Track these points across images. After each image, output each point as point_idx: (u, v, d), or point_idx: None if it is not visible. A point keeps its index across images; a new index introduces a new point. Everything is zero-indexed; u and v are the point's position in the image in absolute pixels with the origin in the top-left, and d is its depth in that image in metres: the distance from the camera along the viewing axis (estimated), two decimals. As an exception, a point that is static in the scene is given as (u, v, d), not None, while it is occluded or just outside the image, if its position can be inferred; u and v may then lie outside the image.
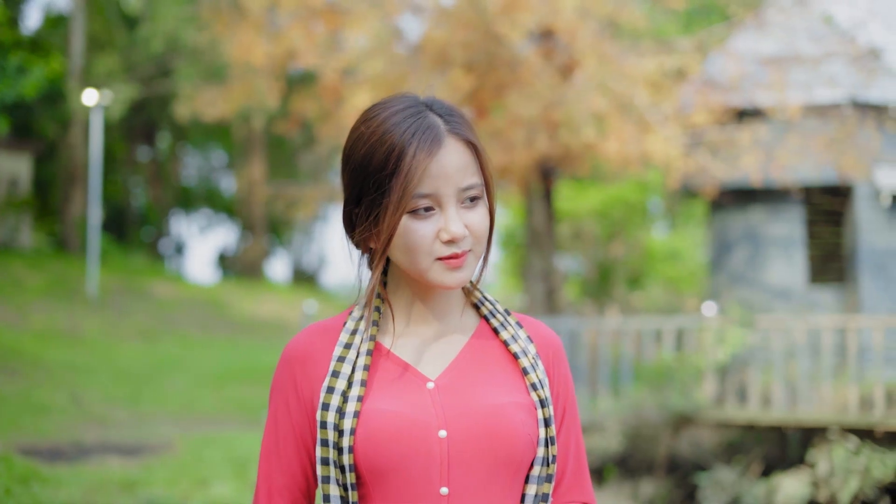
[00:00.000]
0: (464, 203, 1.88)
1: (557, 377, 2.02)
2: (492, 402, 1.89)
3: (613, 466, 12.57)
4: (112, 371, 14.76)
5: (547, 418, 1.92)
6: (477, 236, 1.89)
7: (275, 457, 1.96)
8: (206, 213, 43.31)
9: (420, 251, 1.86)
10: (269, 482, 1.96)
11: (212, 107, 14.83)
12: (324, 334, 1.97)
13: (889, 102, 14.81)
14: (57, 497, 7.07)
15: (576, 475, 2.03)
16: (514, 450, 1.87)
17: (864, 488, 11.42)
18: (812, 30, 14.81)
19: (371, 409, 1.85)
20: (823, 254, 16.05)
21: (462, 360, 1.95)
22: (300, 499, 1.96)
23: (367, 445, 1.83)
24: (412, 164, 1.83)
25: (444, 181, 1.85)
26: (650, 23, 16.36)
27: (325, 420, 1.86)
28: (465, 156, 1.89)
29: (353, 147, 1.91)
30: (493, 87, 13.49)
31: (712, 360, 12.74)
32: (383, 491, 1.85)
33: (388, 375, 1.91)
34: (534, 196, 15.24)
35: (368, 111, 1.94)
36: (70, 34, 26.70)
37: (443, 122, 1.89)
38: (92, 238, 21.00)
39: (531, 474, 1.92)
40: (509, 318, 2.02)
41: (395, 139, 1.85)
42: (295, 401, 1.93)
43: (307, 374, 1.93)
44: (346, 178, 1.94)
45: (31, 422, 10.72)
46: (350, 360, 1.91)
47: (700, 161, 13.96)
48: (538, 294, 15.09)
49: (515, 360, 1.97)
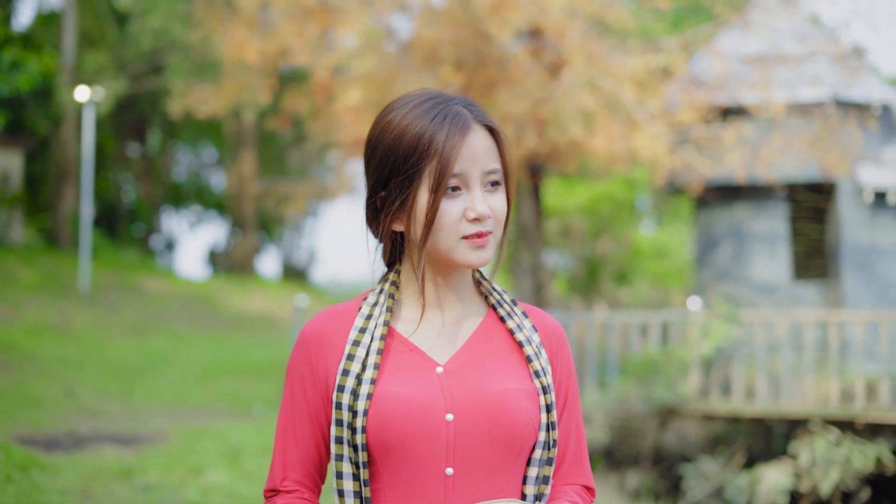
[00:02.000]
0: (485, 187, 1.99)
1: (560, 365, 2.12)
2: (497, 387, 1.98)
3: (600, 458, 12.76)
4: (104, 365, 14.89)
5: (549, 404, 2.01)
6: (497, 219, 2.00)
7: (290, 433, 2.04)
8: (197, 209, 43.36)
9: (447, 229, 1.95)
10: (284, 456, 2.05)
11: (204, 104, 14.98)
12: (339, 317, 2.06)
13: (871, 101, 15.03)
14: (56, 483, 7.23)
15: (576, 458, 2.12)
16: (517, 433, 1.96)
17: (846, 479, 11.64)
18: (796, 30, 15.02)
19: (383, 391, 1.94)
20: (807, 250, 16.27)
21: (470, 347, 2.04)
22: (313, 473, 2.05)
23: (378, 426, 1.92)
24: (447, 145, 1.94)
25: (472, 162, 1.96)
26: (638, 22, 16.53)
27: (340, 401, 1.96)
28: (488, 140, 2.00)
29: (380, 134, 2.00)
30: (482, 85, 13.65)
31: (697, 353, 12.96)
32: (391, 469, 1.94)
33: (400, 359, 2.00)
34: (522, 192, 15.41)
35: (393, 103, 2.05)
36: (62, 31, 26.77)
37: (467, 110, 2.01)
38: (83, 234, 21.11)
39: (533, 457, 2.01)
40: (515, 307, 2.12)
41: (425, 124, 1.95)
42: (311, 381, 2.02)
43: (323, 356, 2.03)
44: (372, 164, 2.02)
45: (25, 413, 10.84)
46: (365, 343, 1.99)
47: (686, 158, 14.16)
48: (526, 289, 15.27)
49: (520, 348, 2.06)
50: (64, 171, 27.01)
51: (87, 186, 21.54)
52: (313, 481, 2.06)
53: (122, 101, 28.89)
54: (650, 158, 13.77)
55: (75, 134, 26.45)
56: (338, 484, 1.97)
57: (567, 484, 2.10)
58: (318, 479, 2.07)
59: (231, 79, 14.98)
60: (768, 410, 12.44)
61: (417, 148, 1.94)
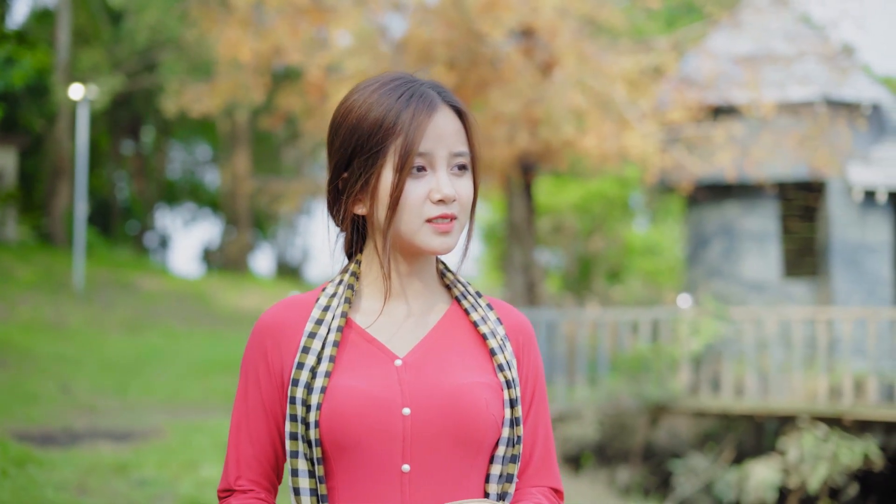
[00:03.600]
0: (452, 170, 1.90)
1: (527, 362, 2.03)
2: (457, 381, 1.89)
3: (590, 454, 12.87)
4: (99, 362, 14.96)
5: (513, 399, 1.92)
6: (463, 204, 1.91)
7: (245, 429, 1.95)
8: (191, 206, 43.44)
9: (411, 210, 1.87)
10: (238, 454, 1.95)
11: (198, 102, 15.06)
12: (295, 308, 1.97)
13: (861, 100, 15.15)
14: (52, 478, 7.31)
15: (543, 460, 2.02)
16: (477, 429, 1.87)
17: (833, 475, 11.76)
18: (786, 29, 15.14)
19: (337, 385, 1.85)
20: (797, 248, 16.40)
21: (431, 339, 1.95)
22: (269, 471, 1.96)
23: (332, 421, 1.83)
24: (413, 123, 1.86)
25: (438, 142, 1.88)
26: (630, 22, 16.65)
27: (295, 396, 1.86)
28: (456, 123, 1.92)
29: (344, 114, 1.92)
30: (474, 84, 13.76)
31: (687, 350, 13.07)
32: (346, 466, 1.86)
33: (358, 352, 1.91)
34: (514, 191, 15.52)
35: (358, 85, 1.97)
36: (56, 28, 26.83)
37: (435, 91, 1.93)
38: (77, 231, 21.18)
39: (496, 454, 1.92)
40: (480, 300, 2.04)
41: (391, 102, 1.88)
42: (265, 374, 1.94)
43: (278, 348, 1.94)
44: (335, 145, 1.94)
45: (21, 410, 10.92)
46: (321, 336, 1.91)
47: (676, 157, 14.28)
48: (518, 287, 15.37)
49: (484, 341, 1.97)
50: (58, 169, 27.06)
51: (81, 184, 21.61)
52: (269, 480, 1.96)
53: (117, 99, 28.95)
54: (641, 157, 13.88)
55: (69, 131, 26.50)
56: (293, 482, 1.88)
57: (534, 486, 2.01)
58: (275, 477, 1.98)
59: (225, 77, 15.06)
60: (757, 407, 12.56)
61: (382, 126, 1.86)
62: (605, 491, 12.10)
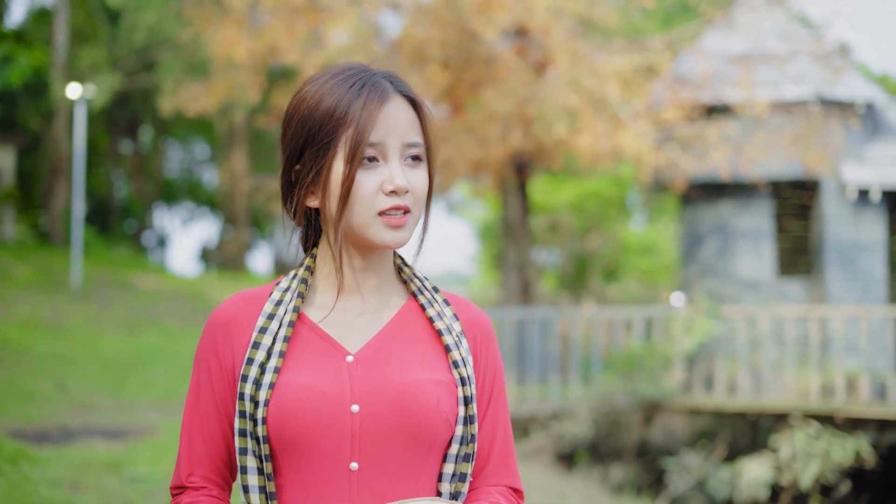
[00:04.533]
0: (405, 161, 1.86)
1: (484, 359, 1.99)
2: (409, 378, 1.86)
3: (584, 452, 12.92)
4: (96, 360, 15.00)
5: (467, 396, 1.89)
6: (417, 196, 1.87)
7: (197, 425, 1.92)
8: (189, 205, 43.48)
9: (363, 202, 1.83)
10: (190, 450, 1.92)
11: (194, 102, 15.12)
12: (248, 302, 1.95)
13: (855, 99, 15.20)
14: (45, 475, 7.36)
15: (502, 459, 1.98)
16: (428, 427, 1.83)
17: (825, 472, 11.82)
18: (780, 29, 15.20)
19: (286, 381, 1.82)
20: (792, 246, 16.46)
21: (385, 335, 1.92)
22: (222, 467, 1.92)
23: (279, 418, 1.80)
24: (364, 113, 1.82)
25: (390, 132, 1.84)
26: (625, 21, 16.70)
27: (243, 391, 1.83)
28: (410, 113, 1.88)
29: (297, 106, 1.89)
30: (468, 83, 13.82)
31: (680, 348, 13.13)
32: (294, 463, 1.83)
33: (309, 348, 1.88)
34: (509, 190, 15.57)
35: (312, 76, 1.93)
36: (54, 27, 26.87)
37: (388, 81, 1.89)
38: (75, 230, 21.21)
39: (449, 452, 1.88)
40: (437, 295, 2.00)
41: (342, 93, 1.85)
42: (217, 369, 1.91)
43: (230, 342, 1.91)
44: (287, 136, 1.91)
45: (17, 408, 10.96)
46: (272, 331, 1.88)
47: (670, 156, 14.33)
48: (513, 286, 15.43)
49: (440, 338, 1.93)
50: (56, 168, 27.11)
51: (79, 183, 21.65)
52: (222, 477, 1.93)
53: (115, 98, 28.98)
54: (635, 156, 13.94)
55: (67, 130, 26.53)
56: (242, 479, 1.84)
57: (493, 485, 1.96)
58: (228, 473, 1.94)
59: (220, 77, 15.12)
60: (750, 405, 12.62)
61: (333, 116, 1.83)
62: (599, 488, 12.16)
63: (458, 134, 13.89)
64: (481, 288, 27.42)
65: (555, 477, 11.82)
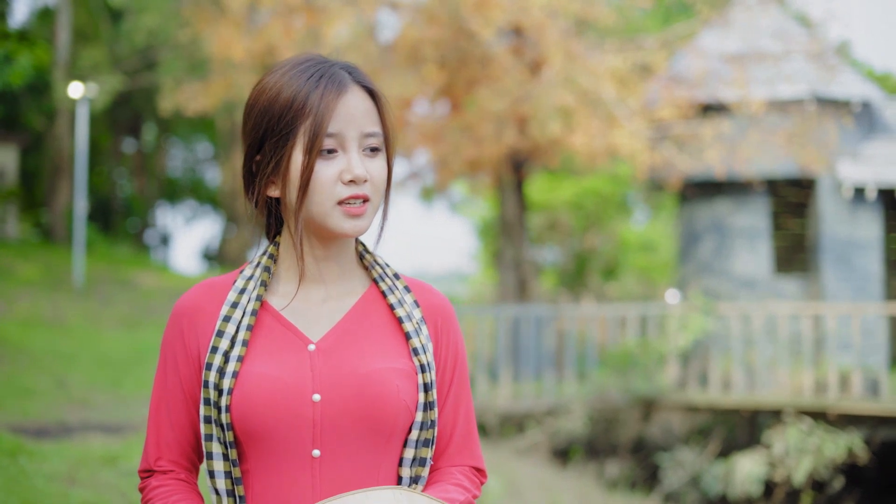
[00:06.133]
0: (364, 151, 1.89)
1: (445, 343, 2.02)
2: (369, 367, 1.89)
3: (579, 448, 13.01)
4: (95, 357, 15.10)
5: (427, 383, 1.92)
6: (376, 185, 1.89)
7: (164, 411, 1.95)
8: (192, 204, 43.54)
9: (322, 192, 1.86)
10: (158, 435, 1.95)
11: (193, 101, 15.22)
12: (212, 291, 1.98)
13: (851, 97, 15.26)
14: (42, 469, 7.45)
15: (464, 439, 2.03)
16: (387, 414, 1.87)
17: (818, 468, 11.89)
18: (775, 27, 15.26)
19: (248, 371, 1.86)
20: (788, 244, 16.53)
21: (346, 323, 1.95)
22: (189, 452, 1.96)
23: (242, 406, 1.84)
24: (322, 104, 1.85)
25: (348, 123, 1.87)
26: (623, 20, 16.77)
27: (208, 380, 1.87)
28: (368, 103, 1.91)
29: (256, 97, 1.92)
30: (464, 82, 13.90)
31: (674, 345, 13.21)
32: (258, 450, 1.86)
33: (272, 337, 1.91)
34: (506, 188, 15.65)
35: (271, 67, 1.98)
36: (56, 27, 26.98)
37: (346, 72, 1.92)
38: (78, 228, 21.32)
39: (409, 438, 1.92)
40: (398, 281, 2.02)
41: (301, 83, 1.87)
42: (183, 356, 1.94)
43: (195, 330, 1.94)
44: (248, 127, 1.95)
45: (16, 403, 11.06)
46: (235, 319, 1.91)
47: (665, 154, 14.41)
48: (510, 283, 15.51)
49: (400, 325, 1.96)
50: (59, 167, 27.22)
51: (81, 181, 21.75)
52: (190, 461, 1.97)
53: (117, 97, 29.08)
54: (630, 155, 14.02)
55: (70, 129, 26.65)
56: (208, 465, 1.88)
57: (455, 465, 2.02)
58: (196, 458, 1.98)
59: (219, 76, 15.21)
60: (743, 401, 12.70)
61: (292, 107, 1.86)
62: (593, 484, 12.24)
63: (454, 132, 13.98)
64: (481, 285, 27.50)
65: (549, 473, 11.91)
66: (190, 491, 1.94)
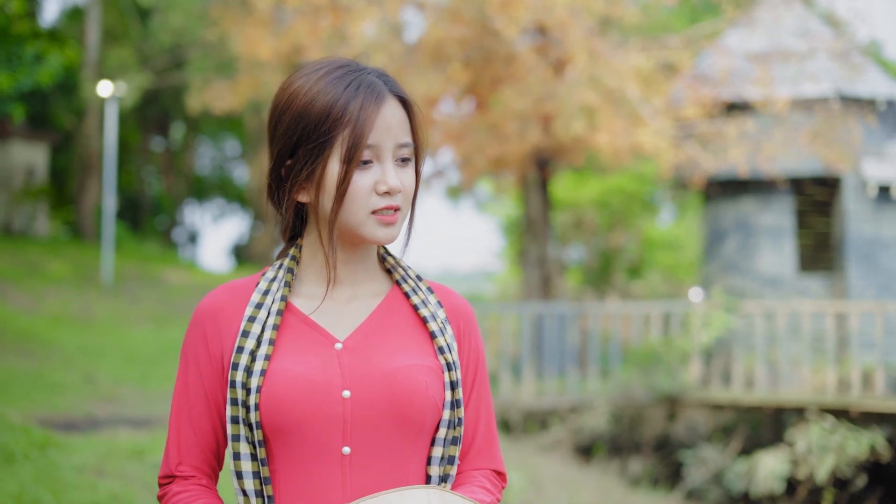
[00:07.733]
0: (396, 161, 1.90)
1: (468, 345, 2.03)
2: (397, 363, 1.89)
3: (602, 445, 13.06)
4: (123, 353, 15.26)
5: (453, 381, 1.93)
6: (406, 195, 1.90)
7: (185, 415, 1.94)
8: (220, 202, 43.76)
9: (357, 202, 1.86)
10: (179, 439, 1.94)
11: (220, 100, 15.36)
12: (235, 292, 1.97)
13: (876, 96, 15.24)
14: (71, 461, 7.59)
15: (486, 443, 2.04)
16: (417, 411, 1.87)
17: (841, 466, 11.89)
18: (799, 26, 15.26)
19: (276, 368, 1.85)
20: (812, 243, 16.51)
21: (372, 323, 1.95)
22: (210, 457, 1.95)
23: (271, 404, 1.83)
24: (361, 115, 1.84)
25: (385, 134, 1.87)
26: (649, 18, 16.79)
27: (235, 379, 1.86)
28: (402, 113, 1.91)
29: (289, 100, 1.90)
30: (488, 81, 13.97)
31: (697, 343, 13.24)
32: (287, 449, 1.86)
33: (298, 335, 1.91)
34: (530, 186, 15.71)
35: (301, 69, 1.95)
36: (85, 26, 27.23)
37: (380, 80, 1.91)
38: (107, 226, 21.53)
39: (437, 436, 1.92)
40: (420, 283, 2.03)
41: (339, 91, 1.86)
42: (205, 358, 1.93)
43: (218, 332, 1.93)
44: (279, 131, 1.92)
45: (45, 398, 11.22)
46: (260, 319, 1.91)
47: (689, 153, 14.43)
48: (534, 281, 15.57)
49: (424, 324, 1.98)
50: (88, 165, 27.45)
51: (110, 180, 21.95)
52: (210, 466, 1.96)
53: (146, 96, 29.31)
54: (654, 153, 14.05)
55: (99, 128, 26.87)
56: (235, 465, 1.88)
57: (477, 469, 2.03)
58: (216, 463, 1.97)
59: (246, 75, 15.34)
60: (766, 399, 12.71)
61: (330, 115, 1.84)
62: (615, 481, 12.29)
63: (478, 131, 14.05)
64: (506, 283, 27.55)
65: (572, 469, 11.97)
66: (213, 496, 1.94)
